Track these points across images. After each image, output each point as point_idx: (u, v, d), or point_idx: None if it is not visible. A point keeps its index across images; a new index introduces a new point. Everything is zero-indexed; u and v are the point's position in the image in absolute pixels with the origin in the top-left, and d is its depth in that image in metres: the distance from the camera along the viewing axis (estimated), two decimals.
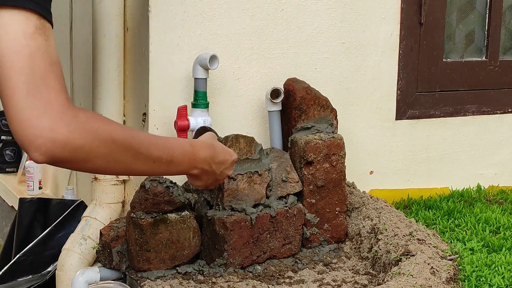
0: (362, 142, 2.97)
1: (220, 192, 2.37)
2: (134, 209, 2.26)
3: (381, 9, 2.92)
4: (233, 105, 2.66)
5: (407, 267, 2.21)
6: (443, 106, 3.14)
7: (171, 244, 2.29)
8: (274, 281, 2.34)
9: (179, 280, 2.28)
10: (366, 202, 2.71)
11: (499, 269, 2.34)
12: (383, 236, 2.47)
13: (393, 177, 3.07)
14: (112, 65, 2.63)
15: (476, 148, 3.25)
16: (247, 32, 2.64)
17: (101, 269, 2.36)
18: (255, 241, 2.40)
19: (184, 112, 2.47)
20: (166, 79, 2.53)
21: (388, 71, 2.99)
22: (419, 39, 3.04)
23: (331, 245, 2.59)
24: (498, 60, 3.28)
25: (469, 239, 2.60)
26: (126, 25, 2.65)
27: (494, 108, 3.28)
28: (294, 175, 2.52)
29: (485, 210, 2.93)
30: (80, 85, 3.19)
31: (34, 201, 3.23)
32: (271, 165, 2.49)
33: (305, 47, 2.77)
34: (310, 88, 2.62)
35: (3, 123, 4.22)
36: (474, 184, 3.25)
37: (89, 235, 2.61)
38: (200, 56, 2.48)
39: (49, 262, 2.95)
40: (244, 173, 2.40)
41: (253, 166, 2.43)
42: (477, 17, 3.26)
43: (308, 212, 2.53)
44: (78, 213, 2.94)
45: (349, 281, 2.36)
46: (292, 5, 2.72)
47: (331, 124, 2.62)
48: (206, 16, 2.56)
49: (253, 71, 2.68)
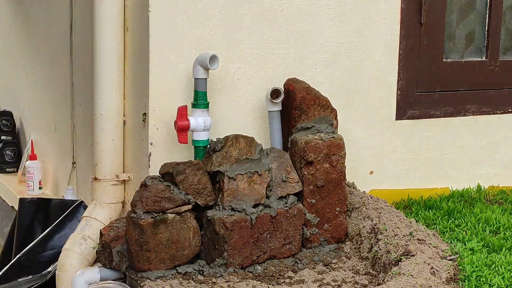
0: (362, 142, 2.96)
1: (220, 192, 2.37)
2: (135, 207, 2.26)
3: (381, 9, 2.92)
4: (233, 105, 2.65)
5: (407, 267, 2.21)
6: (443, 106, 3.14)
7: (171, 244, 2.29)
8: (274, 281, 2.34)
9: (179, 280, 2.28)
10: (366, 202, 2.71)
11: (499, 269, 2.34)
12: (383, 236, 2.47)
13: (393, 177, 3.07)
14: (112, 65, 2.63)
15: (476, 148, 3.25)
16: (247, 32, 2.64)
17: (101, 269, 2.36)
18: (255, 241, 2.40)
19: (184, 112, 2.47)
20: (166, 79, 2.52)
21: (388, 71, 2.99)
22: (419, 39, 3.04)
23: (331, 245, 2.59)
24: (498, 60, 3.28)
25: (469, 239, 2.60)
26: (126, 25, 2.65)
27: (494, 108, 3.28)
28: (294, 175, 2.52)
29: (485, 210, 2.93)
30: (80, 85, 3.19)
31: (34, 201, 3.23)
32: (271, 165, 2.49)
33: (305, 47, 2.76)
34: (310, 88, 2.62)
35: (3, 123, 4.22)
36: (474, 184, 3.25)
37: (89, 235, 2.61)
38: (200, 56, 2.48)
39: (49, 262, 2.95)
40: (244, 173, 2.40)
41: (253, 166, 2.43)
42: (477, 17, 3.26)
43: (308, 212, 2.53)
44: (78, 213, 2.95)
45: (349, 281, 2.36)
46: (292, 5, 2.72)
47: (331, 124, 2.62)
48: (206, 16, 2.56)
49: (253, 71, 2.68)
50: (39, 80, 3.91)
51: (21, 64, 4.24)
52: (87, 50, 2.87)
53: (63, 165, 3.47)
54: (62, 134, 3.51)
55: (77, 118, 3.25)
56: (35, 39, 3.95)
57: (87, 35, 2.84)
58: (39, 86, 3.90)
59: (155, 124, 2.53)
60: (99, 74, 2.64)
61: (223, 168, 2.37)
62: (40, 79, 3.88)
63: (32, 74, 4.01)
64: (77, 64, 3.22)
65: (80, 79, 3.19)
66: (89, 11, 2.72)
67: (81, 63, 3.14)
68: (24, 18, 4.19)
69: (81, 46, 3.12)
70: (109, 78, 2.64)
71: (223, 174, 2.37)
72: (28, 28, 4.11)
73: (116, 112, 2.68)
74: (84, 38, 3.00)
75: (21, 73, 4.23)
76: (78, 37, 3.16)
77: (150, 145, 2.53)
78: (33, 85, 4.01)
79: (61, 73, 3.43)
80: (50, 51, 3.68)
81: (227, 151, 2.39)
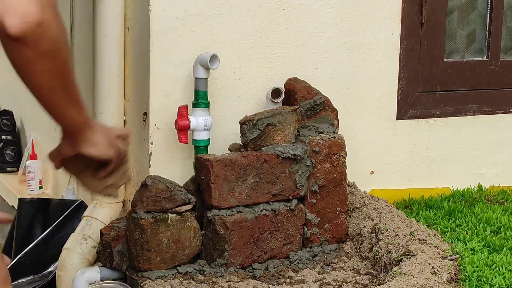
0: (363, 142, 2.96)
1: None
2: (135, 207, 2.26)
3: (382, 9, 2.92)
4: (234, 104, 2.65)
5: (408, 267, 2.21)
6: (444, 106, 3.14)
7: (171, 244, 2.29)
8: (274, 281, 2.34)
9: (180, 280, 2.28)
10: (367, 202, 2.71)
11: (500, 269, 2.34)
12: (384, 236, 2.47)
13: (394, 177, 3.07)
14: (113, 64, 2.63)
15: (477, 148, 3.25)
16: (248, 31, 2.64)
17: (101, 269, 2.36)
18: (256, 241, 2.40)
19: (185, 111, 2.47)
20: (166, 78, 2.52)
21: (389, 71, 2.98)
22: (420, 39, 3.04)
23: (332, 245, 2.59)
24: (499, 60, 3.28)
25: (470, 239, 2.59)
26: (127, 25, 2.65)
27: (495, 108, 3.27)
28: None
29: (486, 210, 2.93)
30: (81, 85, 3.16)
31: (34, 201, 3.23)
32: None
33: (306, 47, 2.76)
34: (311, 88, 2.61)
35: (3, 123, 4.22)
36: (475, 184, 3.25)
37: (90, 234, 2.61)
38: (201, 55, 2.48)
39: (49, 262, 2.95)
40: None
41: None
42: (478, 17, 3.26)
43: (309, 212, 2.53)
44: (78, 213, 2.94)
45: (350, 281, 2.36)
46: (293, 4, 2.71)
47: (332, 124, 2.62)
48: (206, 15, 2.56)
49: (254, 71, 2.67)
50: None
51: None
52: (87, 50, 2.87)
53: None
54: None
55: None
56: None
57: (88, 35, 2.84)
58: None
59: (155, 123, 2.53)
60: (100, 74, 2.64)
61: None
62: None
63: None
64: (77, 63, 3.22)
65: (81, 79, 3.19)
66: (89, 10, 2.72)
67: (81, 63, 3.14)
68: None
69: (82, 45, 3.12)
70: (109, 77, 2.64)
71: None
72: None
73: (116, 112, 2.68)
74: (85, 38, 3.00)
75: None
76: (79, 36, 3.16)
77: (151, 145, 2.53)
78: None
79: None
80: None
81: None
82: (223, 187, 2.32)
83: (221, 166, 2.31)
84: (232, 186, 2.34)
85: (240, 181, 2.35)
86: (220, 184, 2.31)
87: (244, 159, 2.36)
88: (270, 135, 2.41)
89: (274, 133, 2.41)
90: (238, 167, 2.34)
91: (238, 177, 2.34)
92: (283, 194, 2.44)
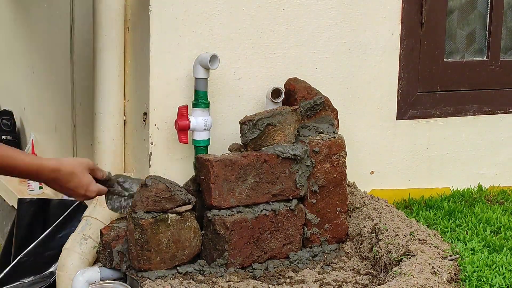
0: (363, 142, 2.96)
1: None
2: (135, 207, 2.26)
3: (382, 9, 2.92)
4: (234, 104, 2.65)
5: (408, 267, 2.21)
6: (444, 106, 3.14)
7: (171, 244, 2.29)
8: (274, 281, 2.34)
9: (180, 280, 2.28)
10: (367, 202, 2.71)
11: (500, 269, 2.34)
12: (384, 236, 2.47)
13: (394, 177, 3.07)
14: (113, 64, 2.63)
15: (477, 148, 3.25)
16: (248, 31, 2.64)
17: (101, 269, 2.36)
18: (256, 241, 2.40)
19: (185, 111, 2.47)
20: (166, 78, 2.52)
21: (389, 71, 2.98)
22: (420, 39, 3.04)
23: (332, 245, 2.59)
24: (499, 60, 3.28)
25: (470, 239, 2.59)
26: (127, 25, 2.65)
27: (495, 108, 3.28)
28: None
29: (486, 210, 2.93)
30: (80, 85, 3.19)
31: (34, 201, 3.23)
32: None
33: (306, 47, 2.76)
34: (311, 88, 2.62)
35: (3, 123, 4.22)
36: (475, 184, 3.25)
37: (90, 234, 2.61)
38: (201, 55, 2.48)
39: (50, 263, 2.95)
40: None
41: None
42: (478, 17, 3.26)
43: (309, 212, 2.53)
44: (78, 213, 2.94)
45: (350, 281, 2.36)
46: (293, 5, 2.71)
47: (332, 124, 2.62)
48: (206, 15, 2.56)
49: (254, 71, 2.67)
50: (39, 80, 3.91)
51: (21, 63, 4.24)
52: (87, 50, 2.87)
53: None
54: (62, 133, 3.51)
55: (78, 118, 3.25)
56: (36, 39, 3.95)
57: (88, 35, 2.84)
58: (39, 86, 3.91)
59: (155, 123, 2.53)
60: (100, 74, 2.64)
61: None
62: (41, 79, 3.88)
63: (33, 73, 4.01)
64: (77, 63, 3.22)
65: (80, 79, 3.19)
66: (89, 10, 2.72)
67: (81, 63, 3.14)
68: (24, 18, 4.19)
69: (82, 45, 3.12)
70: (109, 77, 2.64)
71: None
72: (28, 27, 4.11)
73: (116, 112, 2.68)
74: (85, 38, 3.00)
75: (22, 73, 4.23)
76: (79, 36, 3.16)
77: (151, 145, 2.53)
78: (33, 85, 4.01)
79: (62, 72, 3.43)
80: (50, 51, 3.68)
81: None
82: (223, 187, 2.32)
83: (221, 166, 2.31)
84: (232, 186, 2.34)
85: (240, 181, 2.35)
86: (220, 184, 2.31)
87: (244, 159, 2.36)
88: (270, 135, 2.41)
89: (274, 133, 2.42)
90: (238, 167, 2.34)
91: (238, 177, 2.35)
92: (283, 194, 2.44)
